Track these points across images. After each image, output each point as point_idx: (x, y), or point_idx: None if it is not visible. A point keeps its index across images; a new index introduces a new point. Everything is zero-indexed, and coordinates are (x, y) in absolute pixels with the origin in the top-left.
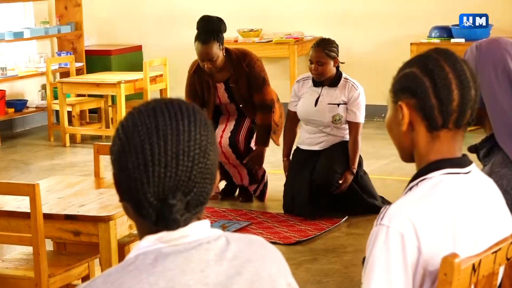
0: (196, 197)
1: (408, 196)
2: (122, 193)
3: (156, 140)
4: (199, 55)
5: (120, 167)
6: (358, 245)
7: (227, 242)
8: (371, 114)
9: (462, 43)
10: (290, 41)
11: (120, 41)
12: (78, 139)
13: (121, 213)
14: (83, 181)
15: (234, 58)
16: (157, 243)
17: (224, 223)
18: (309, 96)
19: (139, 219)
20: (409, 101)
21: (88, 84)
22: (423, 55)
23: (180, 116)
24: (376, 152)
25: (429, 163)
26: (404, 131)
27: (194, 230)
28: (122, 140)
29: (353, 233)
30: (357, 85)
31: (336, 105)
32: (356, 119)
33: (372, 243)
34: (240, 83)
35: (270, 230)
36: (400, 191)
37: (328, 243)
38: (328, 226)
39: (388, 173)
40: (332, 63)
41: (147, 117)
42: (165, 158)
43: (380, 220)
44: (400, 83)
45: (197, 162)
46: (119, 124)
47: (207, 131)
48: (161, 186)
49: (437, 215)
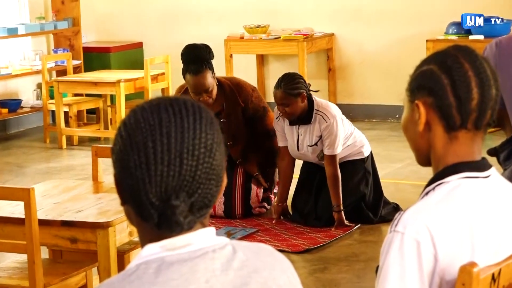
0: (201, 199)
1: (424, 201)
2: (123, 194)
3: (159, 137)
4: (193, 88)
5: (121, 166)
6: (371, 254)
7: (233, 250)
8: (384, 114)
9: (481, 40)
10: (299, 38)
11: (120, 38)
12: (76, 141)
13: (121, 219)
14: (81, 185)
15: (228, 91)
16: (160, 251)
17: (230, 230)
18: (290, 138)
19: (141, 224)
20: (426, 99)
21: (86, 83)
22: (441, 52)
23: (185, 113)
24: (389, 155)
25: (447, 166)
26: (421, 131)
27: (199, 238)
28: (124, 138)
29: (365, 241)
30: (328, 115)
31: (315, 145)
32: (330, 152)
33: (386, 251)
34: (232, 118)
35: (278, 238)
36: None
37: (339, 251)
38: (339, 234)
39: (403, 177)
40: (299, 100)
41: (150, 114)
42: (169, 156)
43: (395, 227)
44: (417, 81)
45: (202, 161)
46: (122, 122)
47: (213, 130)
48: (163, 186)
49: (454, 222)
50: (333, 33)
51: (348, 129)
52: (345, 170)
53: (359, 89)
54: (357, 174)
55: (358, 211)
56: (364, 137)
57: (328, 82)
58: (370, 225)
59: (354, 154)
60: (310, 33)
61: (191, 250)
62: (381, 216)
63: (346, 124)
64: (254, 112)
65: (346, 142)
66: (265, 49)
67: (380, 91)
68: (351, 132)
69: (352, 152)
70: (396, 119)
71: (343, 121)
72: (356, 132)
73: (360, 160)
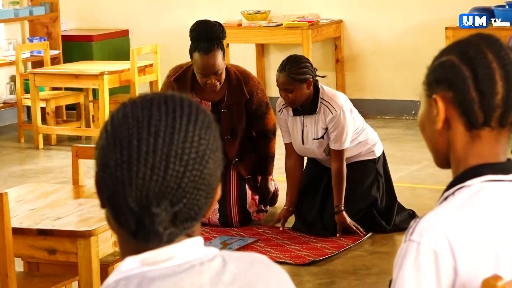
0: (186, 210)
1: (443, 208)
2: (103, 196)
3: (146, 136)
4: (202, 69)
5: (102, 164)
6: (383, 266)
7: (223, 262)
8: (399, 111)
9: (507, 27)
10: (304, 25)
11: (103, 25)
12: (54, 141)
13: (104, 228)
14: (60, 190)
15: (234, 78)
16: (141, 265)
17: (226, 240)
18: (294, 130)
19: (120, 232)
20: (445, 94)
21: (66, 76)
22: (462, 41)
23: (178, 113)
24: (405, 156)
25: (468, 169)
26: (439, 129)
27: (185, 250)
28: (109, 133)
29: (378, 252)
30: (334, 106)
31: (321, 138)
32: (337, 146)
33: (400, 263)
34: (234, 110)
35: (280, 248)
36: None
37: (348, 263)
38: (348, 244)
39: (420, 180)
40: (305, 86)
41: (140, 109)
42: (153, 158)
43: (410, 236)
44: (435, 73)
45: (190, 168)
46: (109, 115)
47: (209, 136)
48: (144, 191)
49: (476, 230)
50: (342, 20)
51: (359, 123)
52: (355, 172)
53: (371, 83)
54: (368, 176)
55: (369, 219)
56: (376, 135)
57: (336, 74)
58: (383, 234)
59: (364, 154)
60: (316, 19)
61: (175, 263)
62: (395, 224)
63: (357, 118)
64: (257, 107)
65: (357, 138)
66: (266, 37)
67: (394, 84)
68: (363, 128)
69: (363, 151)
70: (412, 116)
71: (353, 112)
72: (368, 129)
73: (371, 161)
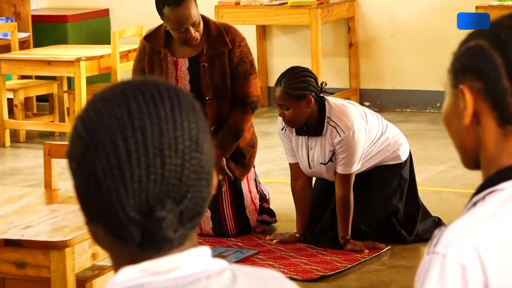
0: (191, 206)
1: (472, 215)
2: (90, 211)
3: (132, 133)
4: (176, 24)
5: (85, 175)
6: (403, 282)
7: (233, 277)
8: (422, 103)
9: None
10: (312, 4)
11: (80, 4)
12: (22, 137)
13: (81, 238)
14: (30, 194)
15: (213, 28)
16: (140, 276)
17: (222, 252)
18: (299, 152)
19: (115, 245)
20: (474, 84)
21: (36, 62)
22: (493, 23)
23: (159, 99)
24: (428, 155)
25: (500, 170)
26: (467, 125)
27: (189, 260)
28: (85, 140)
29: (397, 266)
30: (342, 127)
31: (329, 162)
32: (345, 171)
33: (423, 278)
34: (216, 63)
35: (284, 262)
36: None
37: (363, 279)
38: (363, 257)
39: (446, 183)
40: (303, 104)
41: (115, 105)
42: (146, 156)
43: (434, 247)
44: (462, 60)
45: (188, 158)
46: (77, 119)
47: (196, 117)
48: (144, 195)
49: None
50: None
51: (375, 133)
52: (376, 178)
53: (389, 71)
54: (390, 184)
55: (388, 228)
56: (401, 135)
57: (349, 61)
58: (403, 246)
59: (388, 160)
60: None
61: (179, 275)
62: (418, 234)
63: (372, 127)
64: (240, 62)
65: (371, 151)
66: (268, 18)
67: (417, 72)
68: (381, 133)
69: (385, 158)
70: (437, 109)
71: (368, 126)
72: (389, 131)
73: (396, 166)
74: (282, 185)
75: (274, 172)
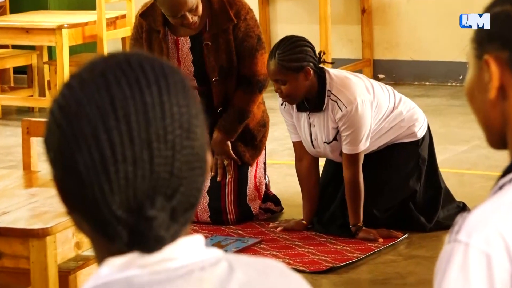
0: (185, 199)
1: (498, 199)
2: (72, 206)
3: (115, 123)
4: (171, 11)
5: (65, 168)
6: (422, 274)
7: (230, 268)
8: (443, 75)
9: None
10: None
11: None
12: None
13: (64, 225)
14: (6, 177)
15: (215, 1)
16: (126, 269)
17: (220, 241)
18: (301, 129)
19: (101, 241)
20: (500, 54)
21: (13, 30)
22: None
23: (144, 82)
24: (450, 133)
25: None
26: (492, 99)
27: (181, 251)
28: (63, 129)
29: (415, 256)
30: (344, 101)
31: (333, 141)
32: (351, 150)
33: (444, 270)
34: (220, 40)
35: (289, 251)
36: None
37: (377, 270)
38: (377, 246)
39: (469, 165)
40: (301, 76)
41: (95, 90)
42: (132, 149)
43: (456, 235)
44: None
45: (179, 148)
46: (54, 104)
47: (187, 99)
48: (131, 192)
49: None
50: None
51: (386, 108)
52: (390, 157)
53: (407, 39)
54: (407, 163)
55: (405, 215)
56: (417, 109)
57: (362, 29)
58: (422, 234)
59: (403, 137)
60: None
61: (170, 267)
62: (438, 220)
63: (381, 102)
64: (245, 37)
65: (382, 127)
66: None
67: (437, 41)
68: (392, 108)
69: (399, 136)
70: (460, 82)
71: (375, 100)
72: (403, 105)
73: (413, 144)
74: (287, 167)
75: (278, 152)
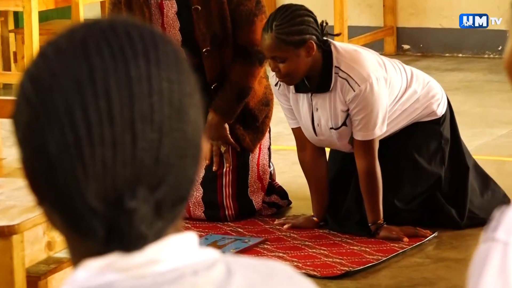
0: (172, 192)
1: None
2: (41, 194)
3: (93, 99)
4: None
5: (33, 150)
6: (453, 279)
7: (228, 272)
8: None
9: None
10: None
11: None
12: None
13: (33, 222)
14: None
15: None
16: (106, 273)
17: (216, 240)
18: (300, 114)
19: (74, 237)
20: None
21: None
22: None
23: (130, 52)
24: (487, 114)
25: None
26: None
27: (170, 251)
28: (34, 104)
29: (445, 259)
30: (356, 78)
31: (342, 126)
32: (365, 136)
33: (479, 273)
34: (211, 4)
35: (298, 253)
36: None
37: (401, 275)
38: (401, 247)
39: (509, 151)
40: (303, 52)
41: (72, 60)
42: (112, 130)
43: (493, 233)
44: None
45: (167, 130)
46: (25, 76)
47: (180, 74)
48: (109, 180)
49: None
50: None
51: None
52: (409, 139)
53: (435, 3)
54: (428, 146)
55: (433, 208)
56: (432, 83)
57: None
58: (453, 232)
59: (421, 117)
60: None
61: (157, 271)
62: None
63: (393, 82)
64: (243, 2)
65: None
66: None
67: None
68: (405, 88)
69: (415, 117)
70: (499, 54)
71: (388, 78)
72: (416, 83)
73: (433, 122)
74: (295, 153)
75: (284, 136)
